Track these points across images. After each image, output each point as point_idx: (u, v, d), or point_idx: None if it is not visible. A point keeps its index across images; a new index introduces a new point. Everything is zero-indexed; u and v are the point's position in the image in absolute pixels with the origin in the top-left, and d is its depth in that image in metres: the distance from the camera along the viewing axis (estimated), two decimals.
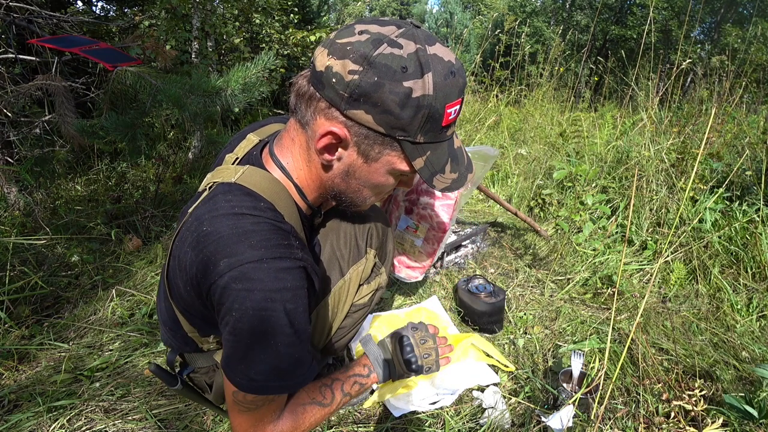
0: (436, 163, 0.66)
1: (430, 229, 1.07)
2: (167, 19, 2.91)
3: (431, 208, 1.08)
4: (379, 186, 0.71)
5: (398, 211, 1.12)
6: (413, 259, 1.09)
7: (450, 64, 0.61)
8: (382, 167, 0.67)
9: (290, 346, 0.63)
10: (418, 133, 0.62)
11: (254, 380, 0.63)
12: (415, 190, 1.12)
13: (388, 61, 0.57)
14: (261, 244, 0.60)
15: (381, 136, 0.62)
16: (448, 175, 0.68)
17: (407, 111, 0.59)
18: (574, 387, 1.14)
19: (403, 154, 0.65)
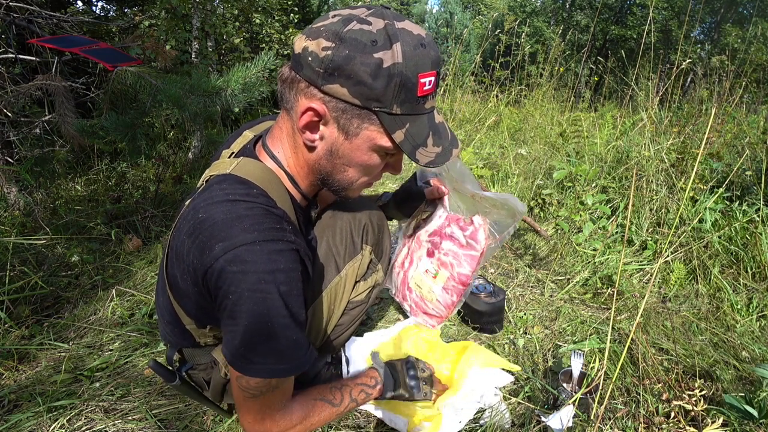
0: (417, 136, 0.67)
1: (450, 278, 1.00)
2: (167, 19, 2.92)
3: (453, 255, 1.00)
4: (364, 165, 0.71)
5: (420, 251, 1.05)
6: (431, 306, 1.03)
7: (420, 37, 0.63)
8: (363, 143, 0.68)
9: (287, 328, 0.64)
10: (393, 103, 0.63)
11: (254, 363, 0.64)
12: (439, 233, 1.03)
13: (358, 36, 0.60)
14: (254, 228, 0.62)
15: (358, 108, 0.64)
16: (431, 149, 0.68)
17: (380, 81, 0.61)
18: (574, 387, 1.14)
19: (382, 128, 0.65)
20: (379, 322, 1.52)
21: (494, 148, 3.62)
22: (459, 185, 1.06)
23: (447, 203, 1.06)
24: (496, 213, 1.05)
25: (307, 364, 0.69)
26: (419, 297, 1.04)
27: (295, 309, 0.65)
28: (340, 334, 0.96)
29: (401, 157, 0.75)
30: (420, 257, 1.06)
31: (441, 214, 1.06)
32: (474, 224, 1.04)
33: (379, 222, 0.97)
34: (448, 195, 1.07)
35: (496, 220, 1.06)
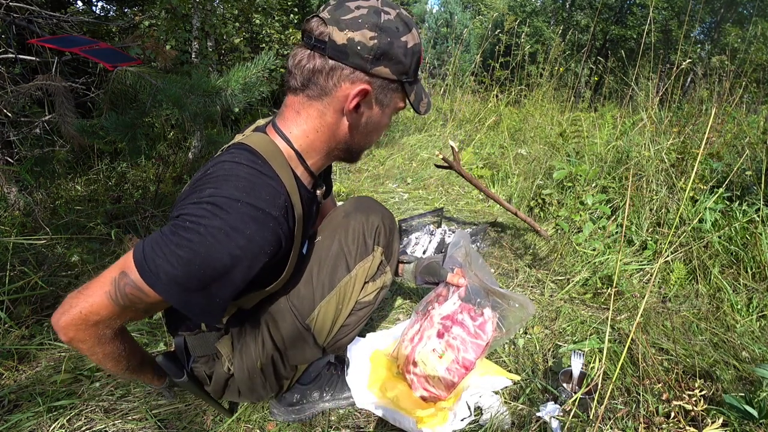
0: (418, 93, 0.83)
1: (454, 360, 1.08)
2: (167, 19, 2.92)
3: (461, 341, 1.10)
4: (383, 126, 0.84)
5: (430, 331, 1.13)
6: (432, 384, 1.10)
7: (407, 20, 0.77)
8: (389, 110, 0.81)
9: (211, 284, 0.66)
10: (413, 74, 0.79)
11: (159, 278, 0.63)
12: (451, 318, 1.13)
13: (389, 25, 0.72)
14: (246, 189, 0.67)
15: (393, 83, 0.77)
16: (425, 102, 0.84)
17: (408, 58, 0.75)
18: (574, 387, 1.14)
19: (404, 93, 0.80)
20: (380, 323, 1.52)
21: (494, 148, 3.62)
22: (478, 278, 1.19)
23: (463, 293, 1.17)
24: (507, 309, 1.16)
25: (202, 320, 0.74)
26: (422, 373, 1.11)
27: (231, 277, 0.67)
28: (346, 334, 0.96)
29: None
30: (430, 336, 1.13)
31: (456, 301, 1.16)
32: (484, 316, 1.14)
33: (391, 225, 0.98)
34: (466, 287, 1.17)
35: (505, 315, 1.16)
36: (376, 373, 1.18)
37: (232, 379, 0.94)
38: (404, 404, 1.09)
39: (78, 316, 0.66)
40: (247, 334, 0.93)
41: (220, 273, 0.65)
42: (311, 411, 1.09)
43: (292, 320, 0.90)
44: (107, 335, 0.71)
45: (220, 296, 0.68)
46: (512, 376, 1.23)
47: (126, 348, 0.77)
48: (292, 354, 0.94)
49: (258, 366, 0.92)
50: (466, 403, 1.09)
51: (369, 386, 1.13)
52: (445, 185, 3.16)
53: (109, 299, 0.66)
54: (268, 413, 1.09)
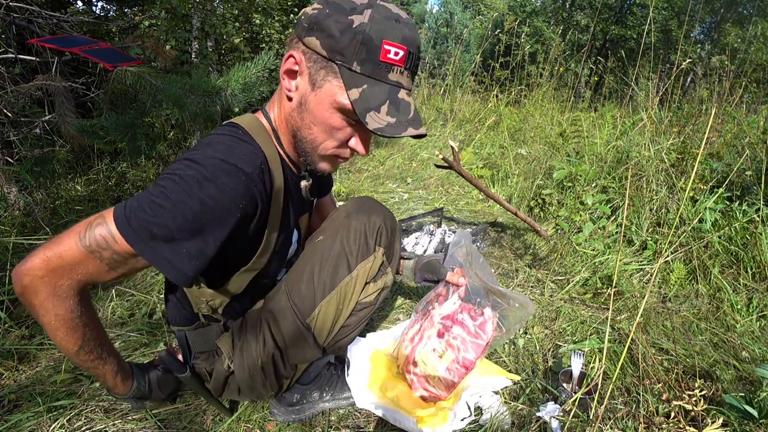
0: (372, 99, 0.69)
1: (454, 360, 1.09)
2: (167, 19, 2.92)
3: (462, 340, 1.10)
4: (326, 125, 0.74)
5: (431, 330, 1.14)
6: (432, 384, 1.10)
7: (397, 15, 0.70)
8: (326, 98, 0.72)
9: (178, 231, 0.64)
10: (354, 59, 0.68)
11: (130, 223, 0.63)
12: (451, 318, 1.14)
13: (342, 2, 0.69)
14: (222, 150, 0.70)
15: (325, 60, 0.70)
16: (384, 117, 0.70)
17: (345, 36, 0.67)
18: (574, 387, 1.14)
19: (342, 83, 0.70)
20: (381, 323, 1.52)
21: (494, 148, 3.62)
22: (478, 278, 1.19)
23: (463, 293, 1.17)
24: (507, 308, 1.16)
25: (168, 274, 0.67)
26: (423, 373, 1.11)
27: (203, 228, 0.66)
28: (347, 335, 0.96)
29: (366, 134, 0.78)
30: (430, 336, 1.14)
31: (456, 301, 1.16)
32: (484, 316, 1.15)
33: (392, 225, 0.97)
34: (466, 287, 1.17)
35: (505, 315, 1.17)
36: (376, 372, 1.18)
37: (232, 377, 0.94)
38: (404, 404, 1.09)
39: (39, 260, 0.63)
40: (248, 332, 0.94)
41: (189, 222, 0.64)
42: (311, 411, 1.09)
43: (293, 319, 0.90)
44: (64, 287, 0.64)
45: (188, 248, 0.66)
46: (512, 376, 1.23)
47: (84, 316, 0.69)
48: (292, 353, 0.94)
49: (259, 364, 0.92)
50: (466, 403, 1.09)
51: (369, 386, 1.13)
52: (445, 185, 3.16)
53: (77, 241, 0.63)
54: (268, 413, 1.09)
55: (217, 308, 0.90)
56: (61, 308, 0.65)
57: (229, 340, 0.93)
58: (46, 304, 0.64)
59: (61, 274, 0.64)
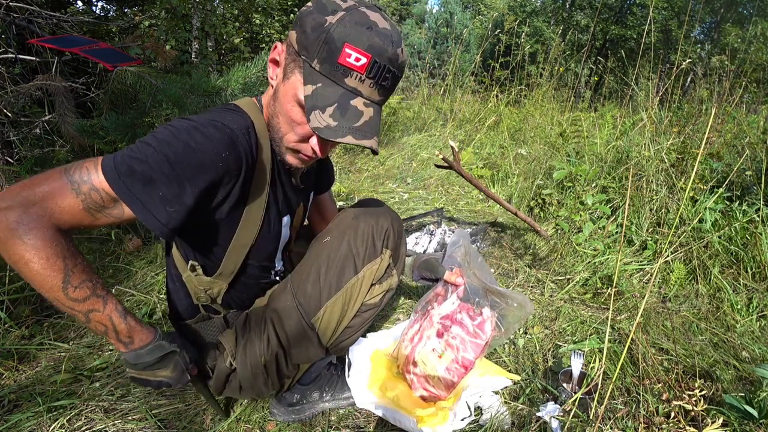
0: (321, 98, 0.69)
1: (454, 360, 1.09)
2: (167, 19, 2.92)
3: (461, 340, 1.11)
4: (288, 117, 0.75)
5: (430, 330, 1.15)
6: (432, 383, 1.11)
7: (374, 23, 0.68)
8: (289, 90, 0.73)
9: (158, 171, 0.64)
10: (315, 57, 0.69)
11: (116, 161, 0.64)
12: (451, 318, 1.14)
13: (327, 3, 0.69)
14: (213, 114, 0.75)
15: (295, 54, 0.72)
16: (326, 118, 0.69)
17: (313, 34, 0.68)
18: (574, 387, 1.14)
19: (302, 78, 0.71)
20: (381, 323, 1.52)
21: (494, 148, 3.62)
22: (477, 277, 1.19)
23: (462, 293, 1.18)
24: (505, 308, 1.17)
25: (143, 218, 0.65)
26: (422, 373, 1.12)
27: (183, 173, 0.65)
28: (350, 335, 0.96)
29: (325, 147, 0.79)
30: (429, 336, 1.14)
31: (454, 301, 1.17)
32: (483, 315, 1.15)
33: (399, 228, 0.98)
34: (464, 286, 1.18)
35: (504, 315, 1.17)
36: (377, 372, 1.18)
37: (233, 375, 0.95)
38: (404, 404, 1.09)
39: (15, 185, 0.61)
40: (252, 329, 0.94)
41: (170, 163, 0.64)
42: (311, 411, 1.09)
43: (298, 319, 0.90)
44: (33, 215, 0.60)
45: (164, 192, 0.65)
46: (512, 376, 1.23)
47: (61, 247, 0.62)
48: (296, 352, 0.94)
49: (261, 363, 0.93)
50: (465, 403, 1.09)
51: (369, 386, 1.14)
52: (445, 185, 3.16)
53: (62, 171, 0.63)
54: (268, 413, 1.09)
55: (216, 297, 0.91)
56: (31, 236, 0.59)
57: (233, 338, 0.94)
58: (22, 219, 0.59)
59: (34, 200, 0.60)
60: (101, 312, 0.69)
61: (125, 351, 0.75)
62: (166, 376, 0.79)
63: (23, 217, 0.59)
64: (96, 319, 0.69)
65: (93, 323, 0.69)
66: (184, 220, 0.68)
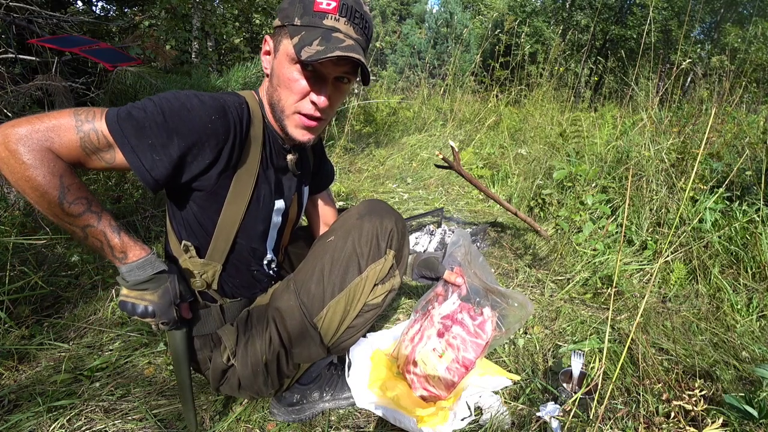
0: (306, 39, 0.79)
1: (454, 360, 1.10)
2: (167, 19, 2.92)
3: (461, 340, 1.11)
4: (286, 81, 0.82)
5: (431, 330, 1.15)
6: (432, 383, 1.11)
7: None
8: (282, 56, 0.81)
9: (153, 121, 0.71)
10: (295, 16, 0.79)
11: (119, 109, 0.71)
12: (451, 318, 1.14)
13: None
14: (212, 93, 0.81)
15: (279, 28, 0.82)
16: (314, 48, 0.78)
17: (291, 4, 0.80)
18: (574, 387, 1.14)
19: (289, 37, 0.80)
20: (381, 323, 1.52)
21: (494, 148, 3.62)
22: (477, 277, 1.19)
23: (463, 292, 1.18)
24: (506, 308, 1.17)
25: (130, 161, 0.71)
26: (423, 372, 1.12)
27: (175, 128, 0.72)
28: (352, 336, 0.96)
29: (323, 82, 0.83)
30: (430, 336, 1.14)
31: (455, 301, 1.17)
32: (483, 315, 1.15)
33: (403, 229, 0.98)
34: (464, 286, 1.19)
35: (505, 315, 1.17)
36: (377, 372, 1.18)
37: (231, 371, 0.95)
38: (405, 403, 1.09)
39: (36, 114, 0.68)
40: (254, 327, 0.94)
41: (164, 116, 0.72)
42: (311, 411, 1.09)
43: (301, 318, 0.90)
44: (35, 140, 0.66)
45: (153, 141, 0.71)
46: (512, 376, 1.23)
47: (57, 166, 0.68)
48: (297, 352, 0.94)
49: (263, 361, 0.93)
50: (465, 403, 1.09)
51: (369, 385, 1.14)
52: (445, 185, 3.16)
53: (72, 111, 0.69)
54: (267, 413, 1.09)
55: (211, 283, 0.92)
56: (30, 156, 0.65)
57: (234, 335, 0.94)
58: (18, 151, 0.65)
59: (39, 129, 0.66)
60: (95, 227, 0.73)
61: (120, 266, 0.78)
62: (153, 301, 0.80)
63: (26, 140, 0.65)
64: (92, 234, 0.74)
65: (90, 239, 0.74)
66: (168, 172, 0.74)
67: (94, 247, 0.75)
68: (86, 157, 0.70)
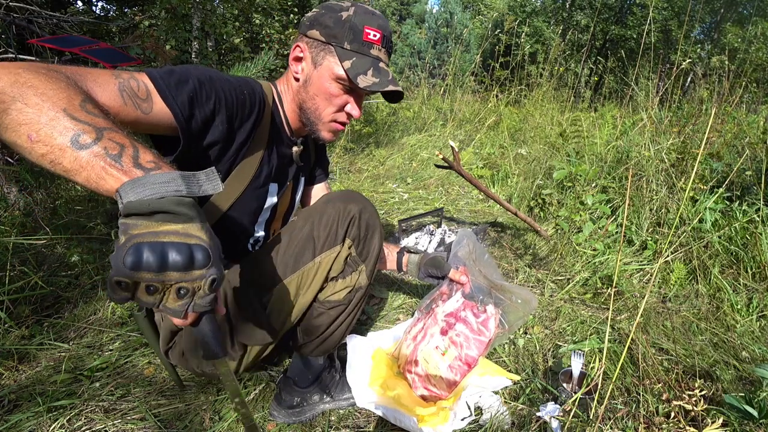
0: (360, 67, 0.90)
1: (457, 357, 1.10)
2: (167, 19, 2.92)
3: (465, 337, 1.11)
4: (327, 94, 0.92)
5: (434, 328, 1.15)
6: (433, 382, 1.10)
7: (372, 11, 0.92)
8: (325, 72, 0.91)
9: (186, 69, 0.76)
10: (345, 41, 0.89)
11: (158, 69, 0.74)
12: (455, 315, 1.14)
13: (332, 4, 0.91)
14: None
15: (323, 44, 0.90)
16: (370, 78, 0.89)
17: (338, 25, 0.89)
18: (574, 387, 1.14)
19: (337, 58, 0.89)
20: (380, 323, 1.52)
21: (494, 148, 3.62)
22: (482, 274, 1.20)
23: (467, 290, 1.19)
24: (509, 305, 1.18)
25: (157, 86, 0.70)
26: (424, 371, 1.11)
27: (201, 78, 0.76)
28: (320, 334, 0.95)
29: (359, 98, 0.96)
30: (433, 334, 1.14)
31: (459, 298, 1.18)
32: (487, 313, 1.16)
33: (370, 221, 0.94)
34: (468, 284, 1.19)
35: (508, 312, 1.18)
36: (377, 371, 1.18)
37: (179, 337, 0.95)
38: (405, 402, 1.09)
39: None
40: None
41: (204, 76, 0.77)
42: (311, 413, 1.09)
43: (251, 293, 0.89)
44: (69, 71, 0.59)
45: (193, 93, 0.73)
46: (512, 376, 1.23)
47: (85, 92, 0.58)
48: (242, 329, 0.92)
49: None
50: (465, 403, 1.09)
51: (370, 384, 1.14)
52: (445, 185, 3.16)
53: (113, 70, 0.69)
54: (268, 413, 1.09)
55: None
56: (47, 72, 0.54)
57: None
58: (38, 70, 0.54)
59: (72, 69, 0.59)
60: (120, 132, 0.54)
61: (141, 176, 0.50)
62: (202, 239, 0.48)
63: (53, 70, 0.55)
64: (111, 137, 0.52)
65: (105, 140, 0.51)
66: (200, 128, 0.76)
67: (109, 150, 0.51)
68: (122, 104, 0.63)
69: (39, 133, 0.50)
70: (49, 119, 0.50)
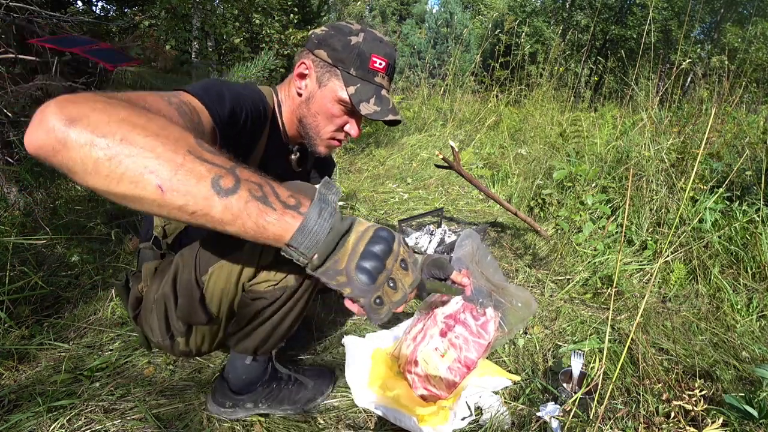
0: (363, 94, 0.94)
1: (456, 359, 1.10)
2: (167, 19, 2.92)
3: (464, 339, 1.12)
4: (328, 114, 0.96)
5: (434, 329, 1.15)
6: (433, 383, 1.10)
7: (381, 38, 0.96)
8: (329, 93, 0.94)
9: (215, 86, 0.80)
10: (351, 66, 0.93)
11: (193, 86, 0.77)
12: (454, 317, 1.15)
13: (343, 27, 0.95)
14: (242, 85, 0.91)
15: (330, 66, 0.94)
16: (372, 106, 0.94)
17: (346, 50, 0.92)
18: (574, 387, 1.14)
19: (342, 82, 0.93)
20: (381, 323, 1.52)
21: (494, 148, 3.62)
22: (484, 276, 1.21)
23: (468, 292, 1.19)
24: (509, 308, 1.19)
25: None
26: (424, 372, 1.12)
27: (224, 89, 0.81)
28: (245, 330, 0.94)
29: (359, 119, 1.00)
30: (432, 335, 1.15)
31: (458, 300, 1.18)
32: (486, 315, 1.16)
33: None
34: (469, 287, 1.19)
35: (507, 315, 1.19)
36: (377, 371, 1.18)
37: (142, 305, 0.98)
38: (405, 402, 1.09)
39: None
40: (166, 265, 0.95)
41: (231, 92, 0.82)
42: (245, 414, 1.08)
43: (192, 272, 0.87)
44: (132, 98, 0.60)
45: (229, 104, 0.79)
46: (512, 376, 1.23)
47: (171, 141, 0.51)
48: (181, 305, 0.90)
49: (155, 299, 0.92)
50: (465, 403, 1.09)
51: (369, 384, 1.13)
52: (445, 185, 3.16)
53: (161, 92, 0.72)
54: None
55: (168, 236, 1.00)
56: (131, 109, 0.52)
57: (153, 269, 0.97)
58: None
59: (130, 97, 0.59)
60: (244, 167, 0.52)
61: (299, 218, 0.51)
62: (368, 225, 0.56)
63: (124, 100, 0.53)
64: (246, 177, 0.50)
65: (244, 182, 0.49)
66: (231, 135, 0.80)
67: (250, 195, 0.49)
68: (187, 126, 0.62)
69: (171, 182, 0.45)
70: (177, 165, 0.46)
